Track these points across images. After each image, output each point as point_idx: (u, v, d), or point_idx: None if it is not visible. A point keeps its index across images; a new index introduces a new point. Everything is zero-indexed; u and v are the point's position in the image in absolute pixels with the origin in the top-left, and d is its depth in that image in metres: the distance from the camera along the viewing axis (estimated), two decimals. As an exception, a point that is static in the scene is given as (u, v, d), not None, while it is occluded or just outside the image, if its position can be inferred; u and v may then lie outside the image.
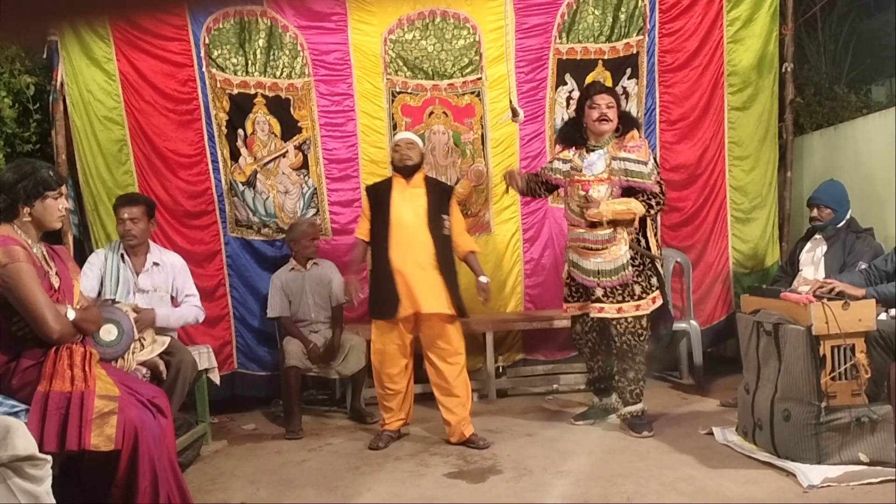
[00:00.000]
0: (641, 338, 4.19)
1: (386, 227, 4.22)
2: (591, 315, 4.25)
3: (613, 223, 4.12)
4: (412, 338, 4.27)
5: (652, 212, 4.19)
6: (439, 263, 4.18)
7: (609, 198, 4.13)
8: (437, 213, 4.25)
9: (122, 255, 4.19)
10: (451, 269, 4.25)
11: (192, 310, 4.29)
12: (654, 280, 4.22)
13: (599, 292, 4.19)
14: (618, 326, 4.17)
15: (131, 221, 4.14)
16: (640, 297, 4.17)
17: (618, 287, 4.15)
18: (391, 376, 4.26)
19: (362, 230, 4.40)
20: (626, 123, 4.26)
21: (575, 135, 4.35)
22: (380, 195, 4.32)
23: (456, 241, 4.34)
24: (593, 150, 4.24)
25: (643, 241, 4.23)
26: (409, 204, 4.25)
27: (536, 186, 4.57)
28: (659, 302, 4.24)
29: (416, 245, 4.17)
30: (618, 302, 4.16)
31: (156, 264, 4.24)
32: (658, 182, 4.16)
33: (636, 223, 4.18)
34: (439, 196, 4.31)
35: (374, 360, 4.31)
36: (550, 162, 4.55)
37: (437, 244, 4.20)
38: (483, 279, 4.35)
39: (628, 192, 4.15)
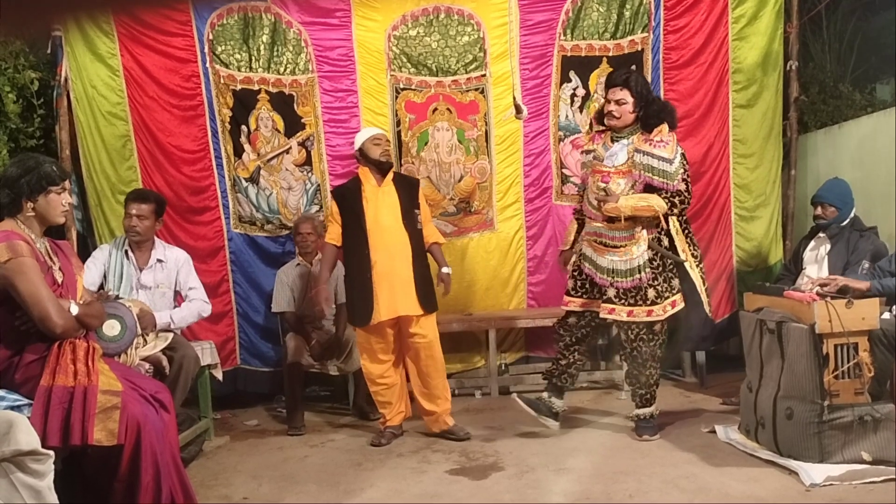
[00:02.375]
0: (653, 344, 3.99)
1: (362, 230, 4.18)
2: (602, 315, 4.03)
3: (632, 220, 3.89)
4: (395, 333, 4.27)
5: (675, 210, 3.92)
6: (415, 260, 4.20)
7: (629, 192, 3.91)
8: (409, 210, 4.25)
9: (126, 252, 4.19)
10: (424, 263, 4.29)
11: (195, 307, 4.26)
12: (675, 282, 3.98)
13: (612, 292, 3.98)
14: (628, 332, 4.00)
15: (138, 218, 4.14)
16: (654, 303, 3.94)
17: (631, 290, 3.94)
18: (381, 373, 4.27)
19: (333, 235, 4.32)
20: (654, 116, 3.96)
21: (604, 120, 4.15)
22: (349, 198, 4.27)
23: (423, 233, 4.35)
24: (618, 140, 4.04)
25: (665, 241, 3.97)
26: (382, 203, 4.22)
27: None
28: (680, 306, 4.01)
29: (395, 245, 4.18)
30: (629, 305, 3.95)
31: (160, 261, 4.24)
32: (684, 180, 3.91)
33: (662, 222, 3.92)
34: (409, 191, 4.31)
35: (363, 359, 4.32)
36: (583, 165, 4.31)
37: (412, 241, 4.22)
38: (445, 270, 4.38)
39: (650, 189, 3.91)
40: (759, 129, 5.47)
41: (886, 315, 3.68)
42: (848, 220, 4.34)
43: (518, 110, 4.58)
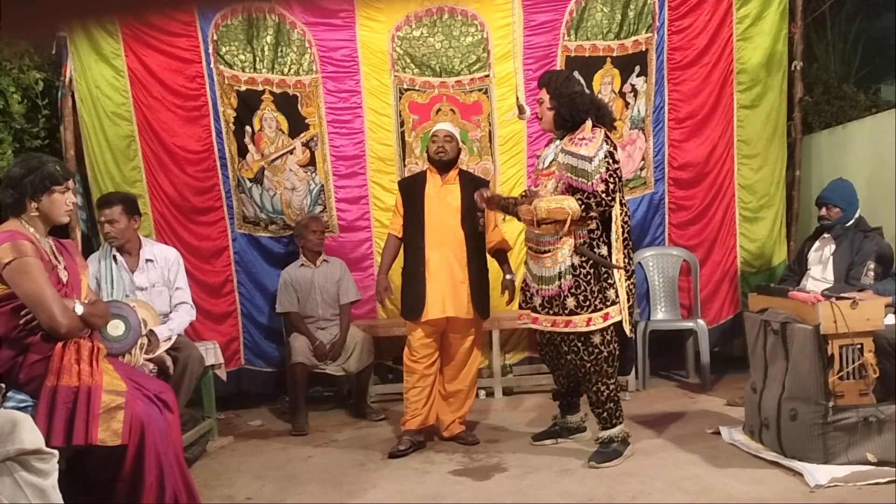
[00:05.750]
0: (593, 357, 3.68)
1: (420, 225, 4.13)
2: (531, 326, 3.85)
3: (554, 223, 3.64)
4: (440, 334, 4.19)
5: (591, 213, 3.60)
6: (470, 262, 4.12)
7: (553, 193, 3.69)
8: (471, 210, 4.13)
9: (114, 257, 4.11)
10: (482, 267, 4.21)
11: (183, 316, 4.17)
12: (610, 293, 3.64)
13: (537, 301, 3.77)
14: (561, 344, 3.75)
15: (108, 223, 4.06)
16: (574, 313, 3.63)
17: (553, 297, 3.68)
18: (418, 370, 4.15)
19: (395, 226, 4.30)
20: (573, 112, 3.73)
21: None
22: (412, 190, 4.22)
23: (488, 237, 4.27)
24: (553, 143, 3.92)
25: (603, 249, 3.67)
26: (442, 201, 4.15)
27: None
28: (614, 319, 3.67)
29: (451, 244, 4.11)
30: (552, 314, 3.70)
31: (149, 261, 4.17)
32: (604, 180, 3.57)
33: (595, 225, 3.66)
34: (474, 192, 4.13)
35: (405, 352, 4.22)
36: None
37: (469, 243, 4.13)
38: (509, 276, 4.28)
39: (572, 190, 3.64)
40: (764, 129, 5.47)
41: (892, 320, 3.64)
42: (852, 221, 4.33)
43: (521, 111, 4.57)
